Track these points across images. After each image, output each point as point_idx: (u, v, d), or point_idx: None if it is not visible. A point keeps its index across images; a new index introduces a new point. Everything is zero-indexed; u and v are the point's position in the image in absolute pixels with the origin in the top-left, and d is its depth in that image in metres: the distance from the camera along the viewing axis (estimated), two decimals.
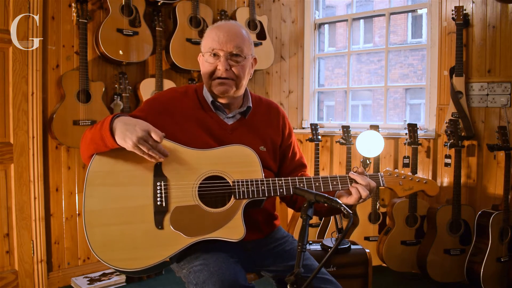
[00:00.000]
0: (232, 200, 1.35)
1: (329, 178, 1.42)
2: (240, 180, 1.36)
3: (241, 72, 1.46)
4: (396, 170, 1.50)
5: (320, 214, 1.55)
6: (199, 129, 1.46)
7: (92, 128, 1.35)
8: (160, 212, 1.31)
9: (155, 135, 1.26)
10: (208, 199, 1.36)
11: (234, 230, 1.32)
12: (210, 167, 1.37)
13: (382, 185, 1.47)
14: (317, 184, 1.40)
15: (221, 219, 1.32)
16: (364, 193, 1.37)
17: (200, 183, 1.35)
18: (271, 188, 1.37)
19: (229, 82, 1.45)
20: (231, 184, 1.36)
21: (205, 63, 1.48)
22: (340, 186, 1.42)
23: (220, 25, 1.49)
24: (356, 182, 1.40)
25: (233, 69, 1.45)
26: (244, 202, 1.35)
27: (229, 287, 1.23)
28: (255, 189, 1.36)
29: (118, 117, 1.30)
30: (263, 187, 1.37)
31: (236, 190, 1.35)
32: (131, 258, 1.27)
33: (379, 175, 1.47)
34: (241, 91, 1.53)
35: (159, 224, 1.30)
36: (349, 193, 1.41)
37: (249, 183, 1.36)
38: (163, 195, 1.32)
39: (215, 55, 1.44)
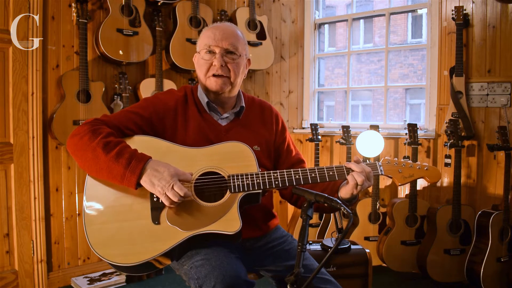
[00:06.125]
0: (228, 194, 1.36)
1: (325, 169, 1.41)
2: (235, 174, 1.37)
3: (236, 69, 1.49)
4: (396, 159, 1.48)
5: (323, 210, 1.57)
6: (194, 132, 1.48)
7: (103, 148, 1.28)
8: (156, 208, 1.32)
9: (179, 189, 1.26)
10: (205, 194, 1.37)
11: (230, 223, 1.31)
12: (205, 163, 1.39)
13: (380, 173, 1.45)
14: (313, 175, 1.40)
15: (217, 213, 1.33)
16: (359, 178, 1.36)
17: (196, 179, 1.37)
18: (266, 180, 1.37)
19: (224, 79, 1.48)
20: (226, 178, 1.37)
21: (200, 60, 1.51)
22: (336, 176, 1.40)
23: (215, 25, 1.54)
24: (353, 171, 1.40)
25: (228, 65, 1.48)
26: (240, 195, 1.36)
27: (230, 281, 1.24)
28: (250, 182, 1.36)
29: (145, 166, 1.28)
30: (258, 180, 1.37)
31: (231, 184, 1.36)
32: (129, 253, 1.28)
33: (377, 163, 1.46)
34: (236, 90, 1.56)
35: (155, 219, 1.31)
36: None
37: (244, 176, 1.37)
38: None
39: (211, 52, 1.48)
